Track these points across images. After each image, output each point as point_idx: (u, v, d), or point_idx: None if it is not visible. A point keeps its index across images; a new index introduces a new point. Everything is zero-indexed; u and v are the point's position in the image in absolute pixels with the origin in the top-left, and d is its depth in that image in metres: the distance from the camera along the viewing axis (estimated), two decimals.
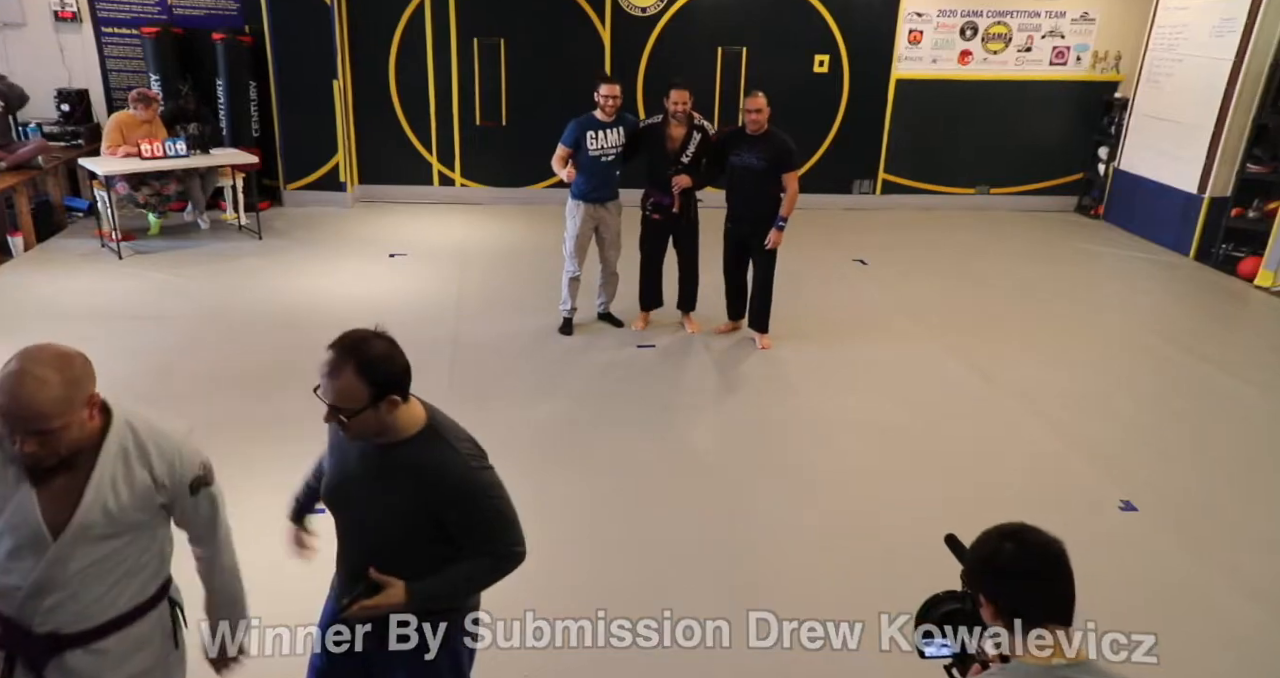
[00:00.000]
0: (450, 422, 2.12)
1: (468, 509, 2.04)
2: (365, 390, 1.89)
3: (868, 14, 9.11)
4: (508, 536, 2.12)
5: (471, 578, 2.13)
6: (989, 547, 1.54)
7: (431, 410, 2.08)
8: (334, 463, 2.15)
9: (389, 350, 1.95)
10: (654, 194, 5.80)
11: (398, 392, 1.95)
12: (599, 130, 5.63)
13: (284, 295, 6.58)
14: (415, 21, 8.78)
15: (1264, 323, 6.89)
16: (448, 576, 2.07)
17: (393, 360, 1.94)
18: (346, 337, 1.93)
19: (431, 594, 2.05)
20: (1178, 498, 4.34)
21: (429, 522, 2.02)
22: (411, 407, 2.03)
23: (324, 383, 1.91)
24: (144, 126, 7.39)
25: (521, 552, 2.16)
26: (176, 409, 4.80)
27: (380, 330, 1.98)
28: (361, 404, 1.90)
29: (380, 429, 1.97)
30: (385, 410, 1.94)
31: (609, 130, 5.65)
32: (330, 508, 2.18)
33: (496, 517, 2.09)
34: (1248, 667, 3.27)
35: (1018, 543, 1.53)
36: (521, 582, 3.56)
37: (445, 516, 2.02)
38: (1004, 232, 9.04)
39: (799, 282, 7.26)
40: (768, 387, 5.42)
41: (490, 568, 2.14)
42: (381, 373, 1.92)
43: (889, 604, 3.52)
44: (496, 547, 2.11)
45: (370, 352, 1.91)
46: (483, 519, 2.06)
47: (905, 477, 4.43)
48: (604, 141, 5.64)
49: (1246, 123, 7.86)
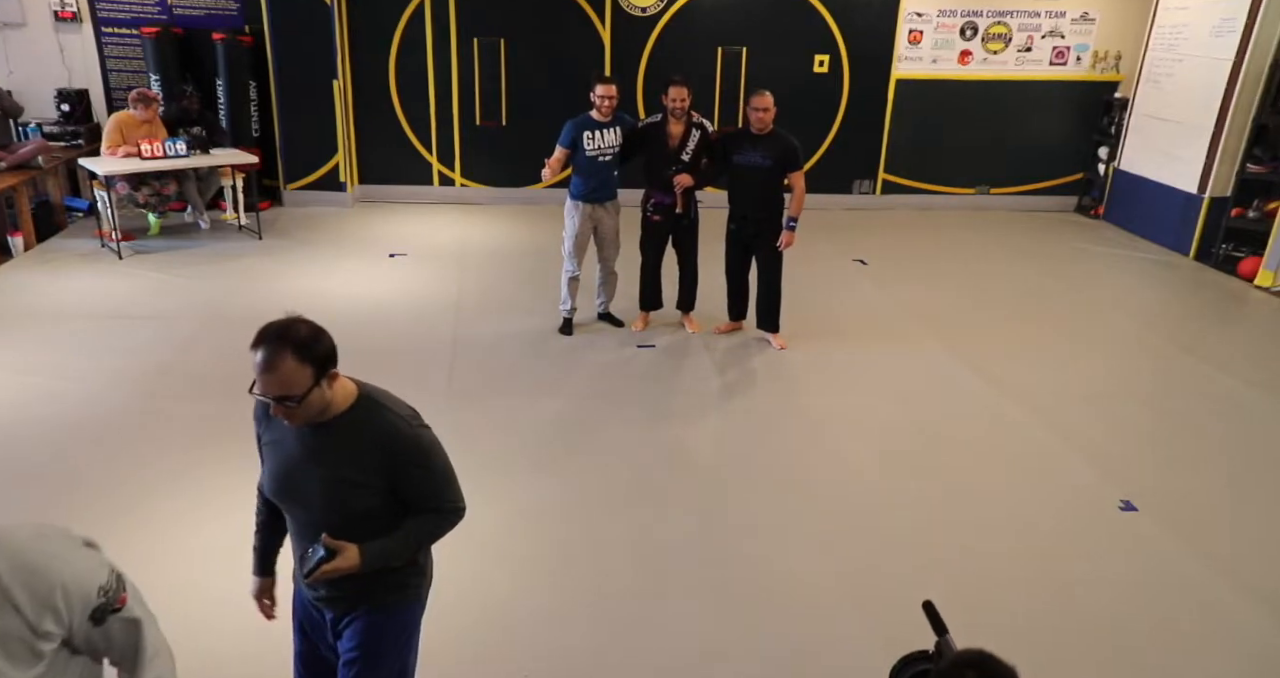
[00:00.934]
0: (380, 389, 2.17)
1: (417, 467, 2.10)
2: (308, 371, 1.93)
3: (868, 14, 9.11)
4: (451, 491, 2.19)
5: (418, 535, 2.17)
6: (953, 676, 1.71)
7: (359, 381, 2.13)
8: (274, 457, 2.16)
9: (314, 328, 1.99)
10: (654, 194, 5.79)
11: (334, 365, 2.01)
12: (596, 130, 5.62)
13: (284, 295, 6.57)
14: (415, 21, 8.78)
15: (1264, 323, 6.89)
16: (398, 535, 2.12)
17: (321, 336, 1.99)
18: (269, 328, 1.96)
19: (385, 553, 2.10)
20: (1178, 498, 4.34)
21: (381, 488, 2.07)
22: (342, 381, 2.08)
23: (263, 379, 1.93)
24: (144, 127, 7.39)
25: (463, 508, 2.23)
26: (176, 409, 4.81)
27: (297, 315, 2.02)
28: (307, 386, 1.94)
29: (324, 406, 2.02)
30: (328, 386, 2.00)
31: (606, 130, 5.64)
32: (281, 502, 2.19)
33: (442, 474, 2.16)
34: (1248, 667, 3.27)
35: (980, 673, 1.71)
36: (522, 582, 3.57)
37: (398, 477, 2.07)
38: (1004, 232, 9.04)
39: (799, 282, 7.26)
40: (768, 387, 5.42)
41: (435, 524, 2.19)
42: (318, 350, 1.96)
43: (889, 605, 3.53)
44: (442, 503, 2.17)
45: (300, 334, 1.95)
46: (431, 477, 2.13)
47: (905, 477, 4.43)
48: (601, 142, 5.63)
49: (1246, 123, 7.86)
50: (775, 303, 5.89)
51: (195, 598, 3.28)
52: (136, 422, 4.67)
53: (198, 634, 3.01)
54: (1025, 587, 3.63)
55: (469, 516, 2.27)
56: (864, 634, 3.35)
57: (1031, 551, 3.88)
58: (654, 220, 5.86)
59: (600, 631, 3.34)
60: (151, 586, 2.01)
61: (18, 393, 4.95)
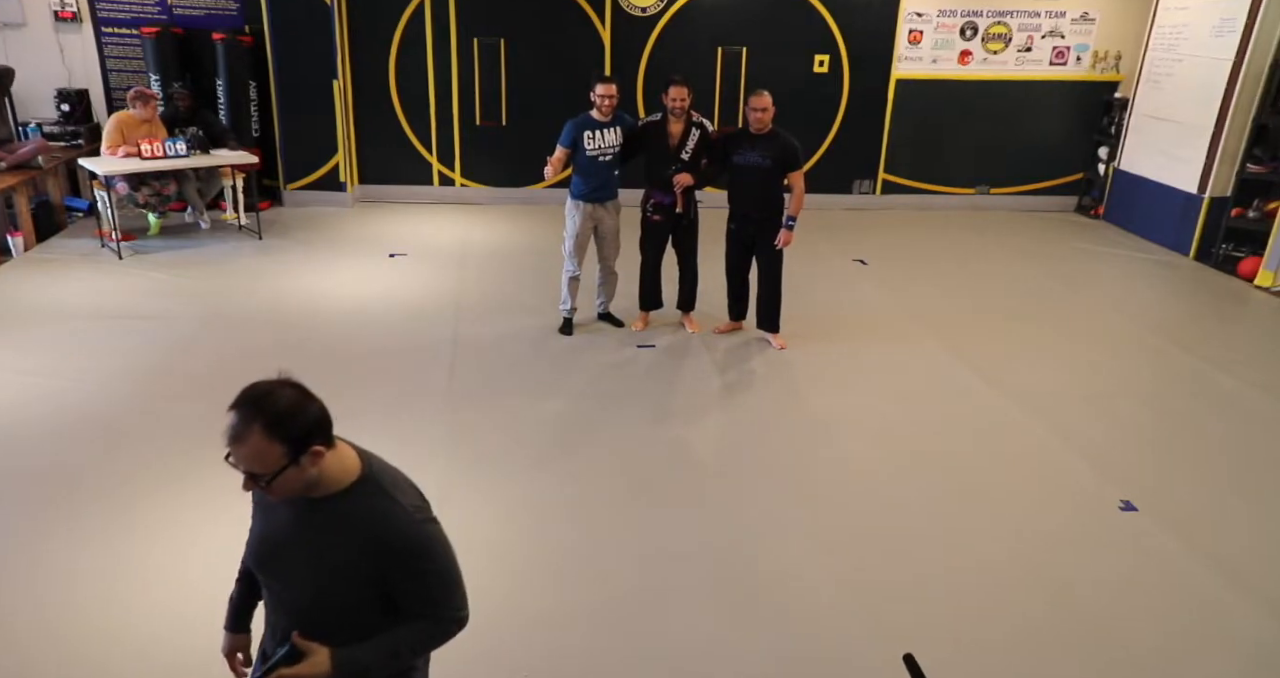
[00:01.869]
0: (389, 468, 1.91)
1: (413, 569, 1.82)
2: (280, 450, 1.68)
3: (868, 14, 9.11)
4: (451, 599, 1.90)
5: (406, 645, 1.87)
6: None
7: (367, 457, 1.88)
8: (261, 521, 1.94)
9: (298, 398, 1.73)
10: (654, 194, 5.79)
11: (319, 441, 1.73)
12: (596, 130, 5.61)
13: (284, 295, 6.58)
14: (415, 21, 8.78)
15: (1264, 323, 6.89)
16: (380, 642, 1.83)
17: (305, 409, 1.72)
18: (247, 393, 1.71)
19: (361, 662, 1.80)
20: (1178, 498, 4.34)
21: (370, 583, 1.81)
22: (342, 453, 1.82)
23: (232, 450, 1.70)
24: (144, 126, 7.39)
25: (464, 617, 1.94)
26: (176, 409, 4.81)
27: (285, 377, 1.77)
28: (277, 465, 1.69)
29: (309, 485, 1.76)
30: (309, 465, 1.73)
31: (606, 130, 5.64)
32: (259, 572, 1.94)
33: (441, 578, 1.88)
34: (1247, 667, 3.27)
35: None
36: (522, 582, 3.57)
37: (391, 575, 1.80)
38: (1004, 232, 9.04)
39: (799, 282, 7.26)
40: (768, 386, 5.42)
41: (428, 634, 1.90)
42: (295, 426, 1.69)
43: (888, 605, 3.53)
44: (439, 611, 1.89)
45: (276, 405, 1.69)
46: (427, 581, 1.85)
47: (905, 476, 4.43)
48: (601, 141, 5.62)
49: (1246, 123, 7.86)
50: (776, 303, 5.89)
51: (194, 598, 3.28)
52: (136, 422, 4.67)
53: (195, 634, 3.01)
54: (1025, 586, 3.63)
55: (471, 515, 2.25)
56: (864, 634, 3.35)
57: (1031, 550, 3.88)
58: (654, 220, 5.86)
59: (600, 631, 3.34)
60: (149, 585, 2.02)
61: (17, 393, 4.95)
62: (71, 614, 3.27)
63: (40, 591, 3.41)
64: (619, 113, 5.72)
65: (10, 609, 3.30)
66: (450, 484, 4.19)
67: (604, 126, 5.63)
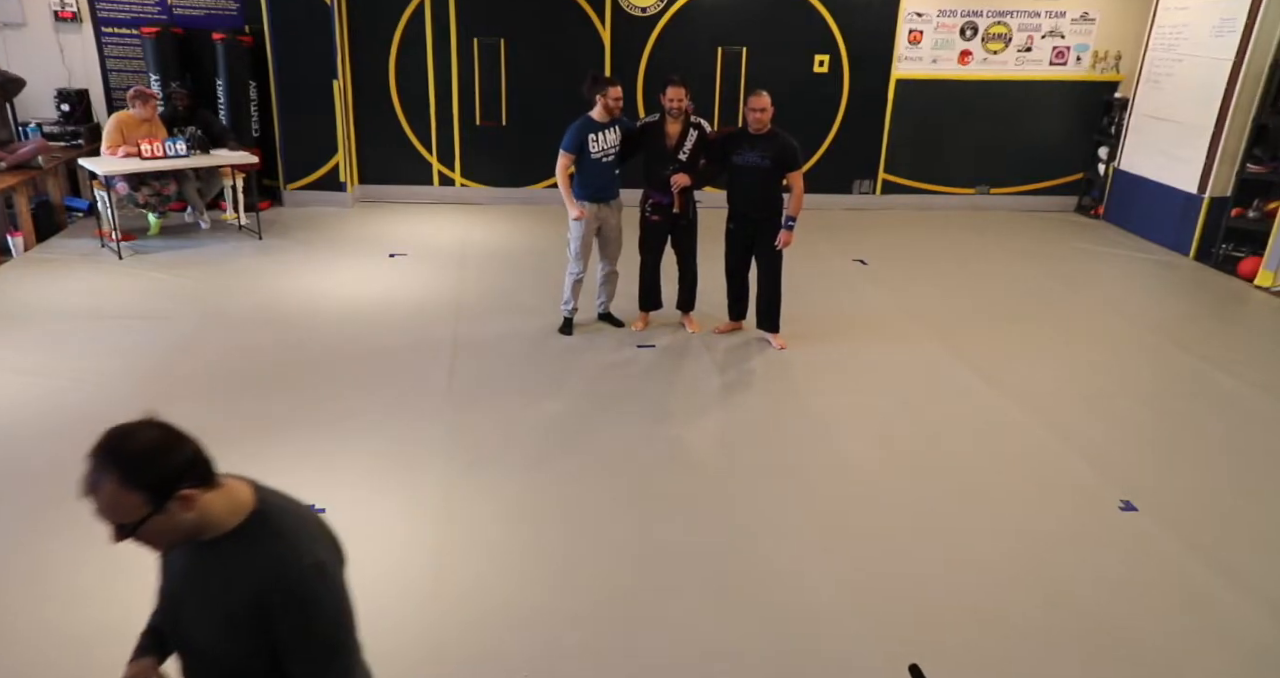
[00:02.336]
0: (290, 507, 1.72)
1: (292, 625, 1.60)
2: (139, 498, 1.52)
3: (868, 14, 9.11)
4: (331, 665, 1.65)
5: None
6: None
7: (263, 495, 1.70)
8: (163, 574, 1.77)
9: (160, 440, 1.57)
10: (653, 195, 5.80)
11: (188, 485, 1.56)
12: (599, 132, 5.63)
13: (284, 295, 6.58)
14: (415, 21, 8.78)
15: (1264, 323, 6.89)
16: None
17: (167, 451, 1.56)
18: (103, 438, 1.55)
19: None
20: (1178, 498, 4.34)
21: (257, 636, 1.62)
22: (230, 492, 1.65)
23: (91, 501, 1.53)
24: (144, 126, 7.39)
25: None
26: (175, 409, 4.80)
27: (151, 418, 1.61)
28: (141, 514, 1.53)
29: (189, 531, 1.60)
30: (180, 510, 1.56)
31: (607, 131, 5.67)
32: (167, 631, 1.79)
33: (323, 639, 1.64)
34: (1248, 667, 3.27)
35: None
36: (523, 582, 3.57)
37: (272, 629, 1.61)
38: (1004, 232, 9.04)
39: (799, 282, 7.27)
40: (767, 386, 5.42)
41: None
42: (154, 471, 1.53)
43: (888, 605, 3.53)
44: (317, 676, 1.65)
45: (131, 450, 1.54)
46: (307, 640, 1.62)
47: (905, 477, 4.43)
48: (604, 142, 5.66)
49: (1246, 123, 7.86)
50: (775, 303, 5.89)
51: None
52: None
53: None
54: (1025, 586, 3.63)
55: (470, 515, 2.24)
56: (863, 634, 3.35)
57: (1031, 550, 3.87)
58: (652, 220, 5.87)
59: (600, 631, 3.33)
60: (149, 584, 1.99)
61: (17, 393, 4.95)
62: (72, 614, 3.27)
63: (41, 590, 3.41)
64: (622, 117, 5.77)
65: (11, 609, 3.30)
66: (450, 484, 4.19)
67: (605, 127, 5.66)
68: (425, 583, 3.52)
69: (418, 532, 3.84)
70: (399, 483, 4.20)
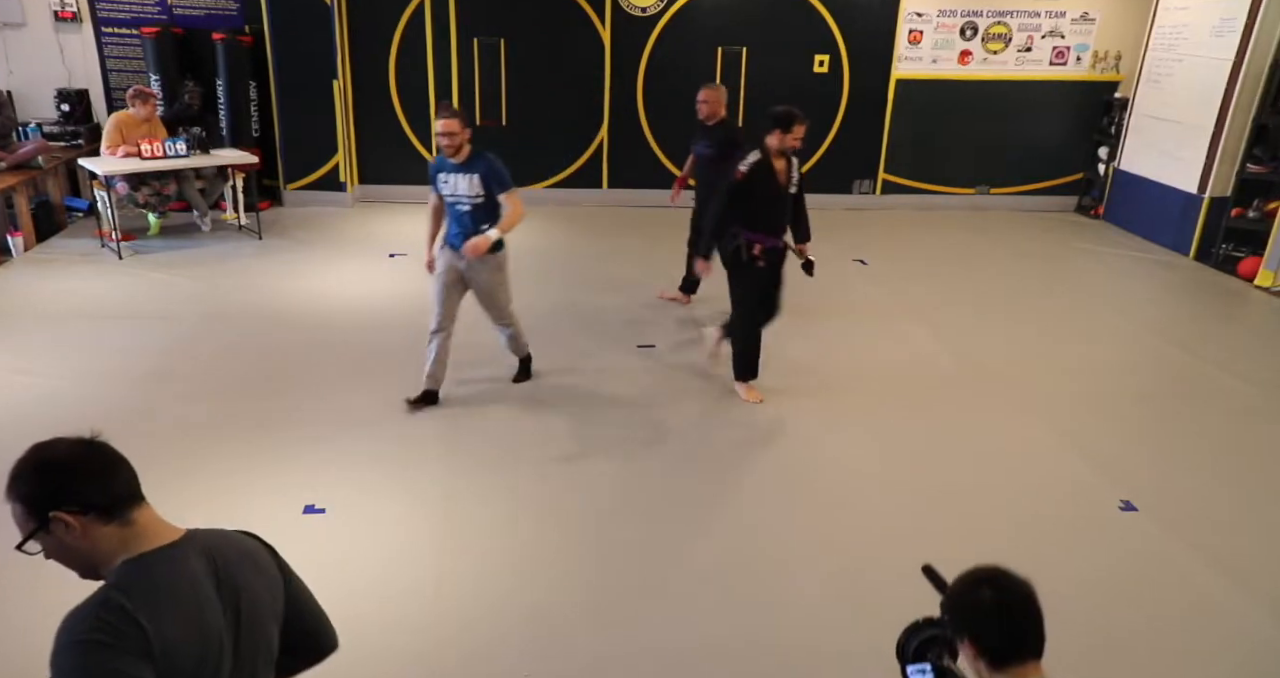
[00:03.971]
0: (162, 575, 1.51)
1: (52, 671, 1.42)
2: (20, 510, 1.46)
3: (868, 14, 9.11)
4: None
5: None
6: (969, 593, 1.75)
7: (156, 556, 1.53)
8: None
9: (62, 458, 1.49)
10: (761, 239, 4.93)
11: (66, 508, 1.45)
12: (450, 174, 4.70)
13: (284, 295, 6.58)
14: (415, 21, 8.78)
15: (1264, 323, 6.89)
16: None
17: (60, 470, 1.47)
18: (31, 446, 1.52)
19: None
20: (1178, 498, 4.34)
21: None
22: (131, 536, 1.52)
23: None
24: (143, 126, 7.39)
25: None
26: (175, 409, 4.81)
27: (88, 438, 1.57)
28: (27, 529, 1.47)
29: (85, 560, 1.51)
30: (64, 534, 1.46)
31: (459, 175, 4.68)
32: None
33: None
34: (1248, 668, 3.27)
35: (995, 588, 1.73)
36: (523, 582, 3.57)
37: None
38: (1004, 232, 9.04)
39: (799, 281, 7.26)
40: (768, 387, 5.41)
41: None
42: (32, 487, 1.45)
43: (888, 605, 3.52)
44: None
45: (28, 461, 1.48)
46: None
47: (905, 477, 4.43)
48: (455, 188, 4.71)
49: (1246, 123, 7.86)
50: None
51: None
52: (135, 422, 4.66)
53: None
54: None
55: (470, 515, 2.25)
56: (863, 633, 3.35)
57: (1031, 550, 3.87)
58: (759, 267, 4.98)
59: (600, 631, 3.33)
60: None
61: (17, 392, 4.95)
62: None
63: (41, 590, 3.41)
64: (480, 155, 4.75)
65: (11, 609, 3.30)
66: (450, 485, 4.19)
67: (457, 170, 4.68)
68: (425, 582, 3.52)
69: (417, 531, 3.84)
70: (399, 483, 4.20)
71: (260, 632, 1.63)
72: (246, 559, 1.67)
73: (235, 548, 1.67)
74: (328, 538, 3.75)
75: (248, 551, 1.70)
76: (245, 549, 1.70)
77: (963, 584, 1.77)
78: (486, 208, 4.79)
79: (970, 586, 1.75)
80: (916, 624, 1.91)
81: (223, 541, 1.68)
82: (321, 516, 3.90)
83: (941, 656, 1.84)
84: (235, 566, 1.62)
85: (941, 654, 1.84)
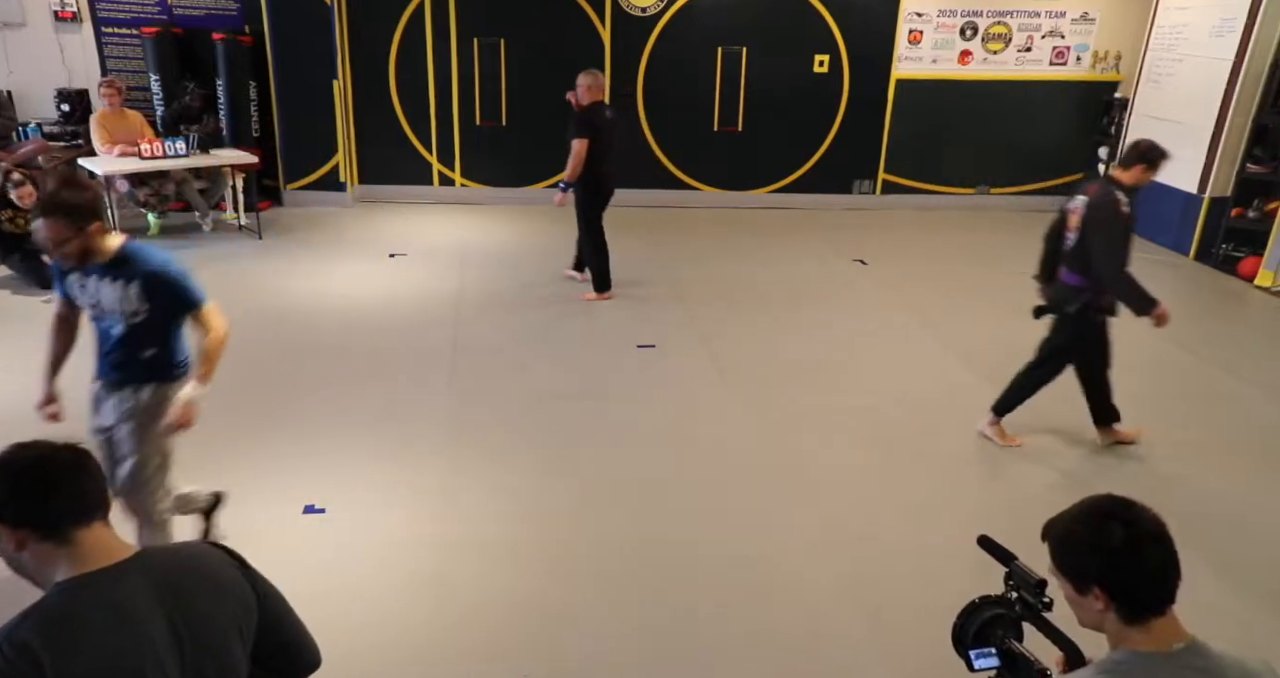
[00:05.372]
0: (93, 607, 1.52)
1: None
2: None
3: (868, 14, 9.11)
4: None
5: None
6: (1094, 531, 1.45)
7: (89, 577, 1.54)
8: None
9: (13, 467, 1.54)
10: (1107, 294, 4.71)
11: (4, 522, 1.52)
12: (86, 276, 3.05)
13: (284, 295, 6.58)
14: (415, 21, 8.78)
15: (1264, 323, 6.89)
16: None
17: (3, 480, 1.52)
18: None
19: None
20: (1178, 498, 4.33)
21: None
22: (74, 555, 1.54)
23: None
24: (120, 118, 7.41)
25: None
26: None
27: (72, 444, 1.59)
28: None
29: (34, 574, 1.58)
30: (9, 545, 1.55)
31: (102, 281, 3.03)
32: None
33: None
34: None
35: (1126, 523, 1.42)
36: (523, 582, 3.57)
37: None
38: (1004, 232, 9.03)
39: (799, 281, 7.27)
40: (768, 386, 5.42)
41: None
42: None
43: (887, 604, 3.53)
44: None
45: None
46: None
47: (905, 477, 4.43)
48: (97, 296, 3.09)
49: (1246, 123, 7.86)
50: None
51: None
52: None
53: None
54: None
55: (470, 515, 2.26)
56: (863, 633, 3.35)
57: (1030, 550, 3.87)
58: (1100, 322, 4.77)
59: (600, 630, 3.33)
60: None
61: (17, 392, 4.94)
62: None
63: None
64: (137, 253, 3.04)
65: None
66: (450, 484, 4.19)
67: (99, 273, 3.00)
68: (425, 581, 3.52)
69: (418, 531, 3.84)
70: (399, 483, 4.20)
71: (212, 652, 1.60)
72: (200, 578, 1.64)
73: (188, 567, 1.66)
74: (328, 538, 3.76)
75: (204, 568, 1.67)
76: (201, 567, 1.67)
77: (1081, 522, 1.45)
78: (152, 328, 3.17)
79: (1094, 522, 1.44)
80: (974, 604, 1.69)
81: (174, 560, 1.68)
82: (321, 515, 3.90)
83: (1005, 638, 1.61)
84: (182, 586, 1.60)
85: (1005, 637, 1.61)
